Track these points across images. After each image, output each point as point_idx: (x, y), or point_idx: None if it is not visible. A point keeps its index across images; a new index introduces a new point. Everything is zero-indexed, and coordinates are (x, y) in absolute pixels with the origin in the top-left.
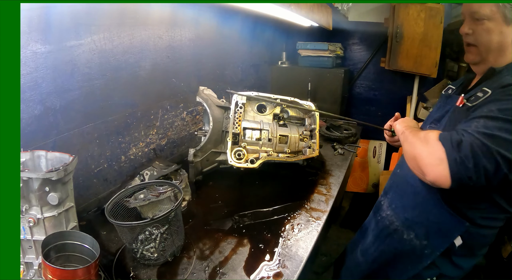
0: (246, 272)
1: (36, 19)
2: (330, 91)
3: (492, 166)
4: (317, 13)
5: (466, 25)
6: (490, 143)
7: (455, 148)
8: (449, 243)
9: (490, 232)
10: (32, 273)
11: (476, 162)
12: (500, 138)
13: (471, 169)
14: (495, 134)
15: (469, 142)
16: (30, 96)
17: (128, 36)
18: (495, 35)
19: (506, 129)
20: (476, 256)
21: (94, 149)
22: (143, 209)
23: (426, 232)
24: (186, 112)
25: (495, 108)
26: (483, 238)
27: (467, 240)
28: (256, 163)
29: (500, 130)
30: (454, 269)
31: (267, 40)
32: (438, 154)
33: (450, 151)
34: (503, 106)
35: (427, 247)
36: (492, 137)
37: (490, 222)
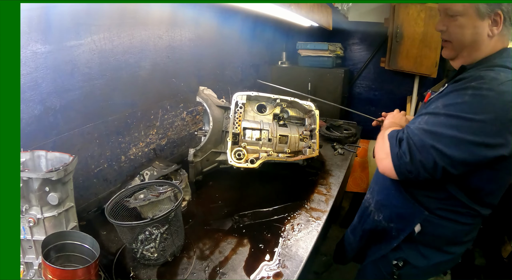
0: (246, 272)
1: (36, 19)
2: (330, 91)
3: (429, 161)
4: (317, 13)
5: (440, 21)
6: (427, 138)
7: (397, 144)
8: (411, 228)
9: (454, 226)
10: (32, 273)
11: (412, 157)
12: (438, 134)
13: (408, 163)
14: (434, 130)
15: (408, 138)
16: (30, 96)
17: (128, 36)
18: (468, 31)
19: (446, 124)
20: (445, 252)
21: (94, 149)
22: (143, 209)
23: (390, 215)
24: (186, 112)
25: (441, 104)
26: (443, 229)
27: (425, 228)
28: (256, 163)
29: (440, 126)
30: (420, 257)
31: (267, 40)
32: (385, 149)
33: (393, 147)
34: (448, 102)
35: (393, 229)
36: (430, 133)
37: (449, 214)
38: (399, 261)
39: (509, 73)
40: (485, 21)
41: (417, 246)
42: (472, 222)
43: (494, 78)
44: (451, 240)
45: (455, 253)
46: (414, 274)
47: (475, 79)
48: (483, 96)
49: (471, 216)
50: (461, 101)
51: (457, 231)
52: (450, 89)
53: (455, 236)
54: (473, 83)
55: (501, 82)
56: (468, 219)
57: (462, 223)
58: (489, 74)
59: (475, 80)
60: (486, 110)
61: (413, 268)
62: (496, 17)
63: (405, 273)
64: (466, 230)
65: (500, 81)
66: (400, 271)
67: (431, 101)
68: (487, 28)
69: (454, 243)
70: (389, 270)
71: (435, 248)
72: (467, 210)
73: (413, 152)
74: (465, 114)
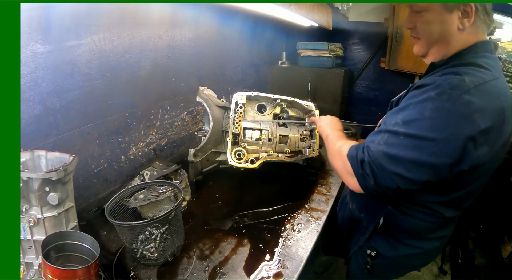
0: (246, 272)
1: (36, 19)
2: (330, 91)
3: (392, 184)
4: (317, 13)
5: (408, 19)
6: (387, 163)
7: (359, 165)
8: (377, 221)
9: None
10: (32, 273)
11: (376, 181)
12: (397, 157)
13: (373, 185)
14: (393, 154)
15: (369, 161)
16: (30, 96)
17: (128, 36)
18: (435, 26)
19: (406, 146)
20: (410, 245)
21: (94, 149)
22: (143, 209)
23: (361, 206)
24: (186, 112)
25: (401, 121)
26: (404, 223)
27: (387, 222)
28: (256, 163)
29: (400, 148)
30: (389, 248)
31: (267, 40)
32: (348, 169)
33: (356, 168)
34: (408, 118)
35: (364, 220)
36: (390, 157)
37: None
38: (372, 251)
39: (478, 75)
40: (454, 14)
41: (386, 237)
42: (436, 221)
43: (457, 86)
44: (414, 234)
45: (423, 248)
46: (386, 265)
47: (436, 88)
48: (443, 110)
49: (433, 216)
50: (421, 117)
51: (418, 227)
52: (411, 100)
53: (417, 231)
54: (433, 94)
55: (464, 91)
56: (430, 217)
57: (423, 220)
58: (452, 81)
59: (436, 89)
60: (447, 127)
61: (384, 259)
62: (466, 8)
63: (377, 264)
64: (430, 228)
65: (463, 90)
66: (373, 262)
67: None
68: (456, 21)
69: (418, 237)
70: (365, 260)
71: (398, 240)
72: (429, 210)
73: (376, 176)
74: (425, 133)
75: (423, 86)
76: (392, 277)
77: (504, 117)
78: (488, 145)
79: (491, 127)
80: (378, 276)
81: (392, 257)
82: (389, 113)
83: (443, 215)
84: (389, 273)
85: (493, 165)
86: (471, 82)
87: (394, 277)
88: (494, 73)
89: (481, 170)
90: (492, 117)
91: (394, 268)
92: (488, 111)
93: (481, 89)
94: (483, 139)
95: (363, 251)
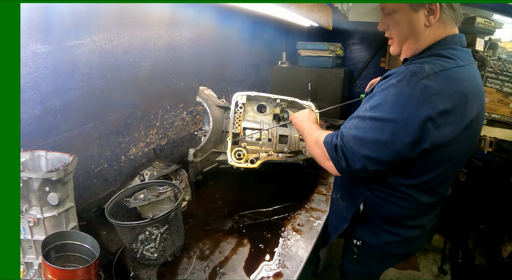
0: (246, 272)
1: (36, 19)
2: (330, 91)
3: (360, 165)
4: (317, 13)
5: (381, 21)
6: (355, 145)
7: (334, 150)
8: (356, 207)
9: (393, 208)
10: (32, 273)
11: (347, 162)
12: (364, 139)
13: (345, 167)
14: (360, 136)
15: (341, 145)
16: (30, 96)
17: (128, 36)
18: (405, 25)
19: (371, 128)
20: (389, 232)
21: (94, 149)
22: (143, 209)
23: (343, 194)
24: (186, 112)
25: (368, 106)
26: (381, 209)
27: (367, 208)
28: (256, 163)
29: (366, 131)
30: (371, 236)
31: (267, 40)
32: (325, 154)
33: (331, 152)
34: (374, 103)
35: (345, 208)
36: (357, 139)
37: (386, 196)
38: (357, 241)
39: (439, 63)
40: (420, 12)
41: (368, 225)
42: (414, 207)
43: (416, 73)
44: (393, 221)
45: (403, 236)
46: (370, 253)
47: (398, 76)
48: (403, 94)
49: (408, 201)
50: (384, 102)
51: (396, 213)
52: (378, 88)
53: (395, 217)
54: (394, 81)
55: (423, 77)
56: (406, 203)
57: (400, 205)
58: (412, 69)
59: (398, 76)
60: (406, 109)
61: (369, 248)
62: (431, 6)
63: (363, 253)
64: (408, 215)
65: (422, 76)
66: (359, 251)
67: (365, 100)
68: (423, 18)
69: (397, 224)
70: (352, 250)
71: (379, 227)
72: (403, 195)
73: (347, 158)
74: (386, 115)
75: (388, 75)
76: (378, 267)
77: (467, 101)
78: (449, 126)
79: (451, 109)
80: (365, 266)
81: (375, 245)
82: (362, 102)
83: (418, 200)
84: (374, 263)
85: (461, 148)
86: (431, 69)
87: (380, 267)
88: (459, 62)
89: (446, 152)
90: (452, 100)
91: (379, 257)
92: (447, 94)
93: (441, 75)
94: (443, 120)
95: (351, 242)
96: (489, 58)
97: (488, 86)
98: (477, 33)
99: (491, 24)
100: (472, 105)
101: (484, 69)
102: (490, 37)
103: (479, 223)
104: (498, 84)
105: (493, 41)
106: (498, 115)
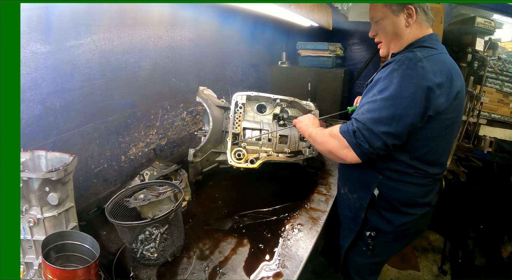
0: (246, 272)
1: (36, 19)
2: (330, 91)
3: (381, 143)
4: (317, 13)
5: (371, 29)
6: (373, 125)
7: (352, 136)
8: (370, 194)
9: (408, 188)
10: (32, 273)
11: (369, 143)
12: (380, 118)
13: (368, 149)
14: (376, 116)
15: (359, 129)
16: (30, 96)
17: (128, 36)
18: (390, 28)
19: (384, 107)
20: (404, 213)
21: (94, 149)
22: (143, 209)
23: (353, 186)
24: (186, 112)
25: (376, 91)
26: (398, 192)
27: (382, 192)
28: (256, 163)
29: (380, 110)
30: (385, 223)
31: (267, 40)
32: (344, 144)
33: (350, 140)
34: (381, 87)
35: (357, 200)
36: (374, 120)
37: (400, 176)
38: (371, 232)
39: (425, 51)
40: (400, 16)
41: (380, 211)
42: (424, 183)
43: (412, 58)
44: (407, 201)
45: (416, 214)
46: (386, 240)
47: (397, 63)
48: (406, 75)
49: (420, 176)
50: (390, 83)
51: (411, 192)
52: (379, 76)
53: (409, 196)
54: (396, 67)
55: (418, 60)
56: (418, 179)
57: (414, 183)
58: (407, 56)
59: (397, 63)
60: (411, 85)
61: (384, 235)
62: (408, 11)
63: (379, 241)
64: (420, 192)
65: (417, 59)
66: (374, 241)
67: (367, 89)
68: (403, 20)
69: (411, 204)
70: (366, 243)
71: (394, 210)
72: (414, 170)
73: (367, 139)
74: (396, 93)
75: (387, 64)
76: (393, 252)
77: (452, 77)
78: (443, 96)
79: (443, 83)
80: (381, 254)
81: (390, 231)
82: (364, 93)
83: (427, 172)
84: (390, 248)
85: (452, 116)
86: (422, 55)
87: (395, 251)
88: (440, 50)
89: (443, 119)
90: (442, 76)
91: (394, 241)
92: (438, 71)
93: (430, 58)
94: (438, 91)
95: (363, 237)
96: (489, 58)
97: (488, 86)
98: (477, 33)
99: (491, 24)
100: (456, 80)
101: (484, 69)
102: (490, 37)
103: (479, 223)
104: (498, 84)
105: (493, 41)
106: (498, 115)
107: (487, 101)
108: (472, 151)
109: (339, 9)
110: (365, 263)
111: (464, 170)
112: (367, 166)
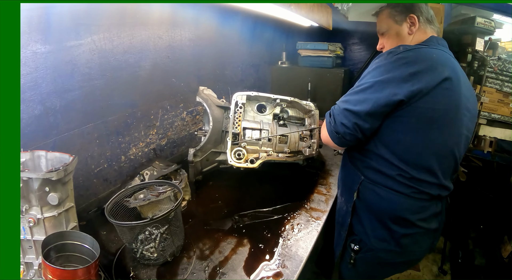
0: (246, 272)
1: (36, 19)
2: (330, 91)
3: (345, 120)
4: (317, 13)
5: (379, 42)
6: (342, 104)
7: (328, 117)
8: (353, 193)
9: (390, 195)
10: (32, 273)
11: (335, 121)
12: (348, 100)
13: (334, 125)
14: (346, 99)
15: (332, 109)
16: (30, 96)
17: (128, 36)
18: (394, 37)
19: (356, 92)
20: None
21: (94, 149)
22: (143, 209)
23: (342, 188)
24: (186, 112)
25: (360, 83)
26: (380, 199)
27: (361, 194)
28: (256, 163)
29: (351, 95)
30: (365, 234)
31: (267, 40)
32: (324, 127)
33: (326, 119)
34: (362, 77)
35: (344, 203)
36: (343, 101)
37: (381, 178)
38: (355, 244)
39: (413, 46)
40: (403, 25)
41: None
42: (413, 195)
43: (392, 51)
44: (390, 212)
45: (398, 233)
46: (369, 258)
47: (378, 57)
48: (382, 65)
49: (405, 183)
50: (367, 74)
51: (396, 202)
52: (370, 65)
53: (393, 208)
54: (376, 60)
55: (398, 53)
56: (404, 187)
57: (400, 192)
58: (390, 50)
59: (378, 58)
60: (384, 73)
61: (368, 252)
62: (411, 19)
63: (360, 258)
64: (409, 205)
65: (397, 52)
66: (356, 256)
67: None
68: (406, 29)
69: (395, 218)
70: (350, 256)
71: (381, 222)
72: (397, 172)
73: (335, 117)
74: (369, 79)
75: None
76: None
77: (436, 66)
78: (422, 82)
79: (420, 71)
80: (362, 272)
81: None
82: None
83: (413, 177)
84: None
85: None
86: (404, 48)
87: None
88: (435, 46)
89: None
90: (419, 65)
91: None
92: (417, 61)
93: (413, 51)
94: (415, 79)
95: (349, 248)
96: (489, 58)
97: (488, 86)
98: (477, 33)
99: (491, 24)
100: (442, 69)
101: (484, 69)
102: (490, 37)
103: (479, 223)
104: (498, 84)
105: (493, 41)
106: (498, 115)
107: (487, 101)
108: (472, 151)
109: (339, 9)
110: (350, 276)
111: (464, 170)
112: (351, 163)
